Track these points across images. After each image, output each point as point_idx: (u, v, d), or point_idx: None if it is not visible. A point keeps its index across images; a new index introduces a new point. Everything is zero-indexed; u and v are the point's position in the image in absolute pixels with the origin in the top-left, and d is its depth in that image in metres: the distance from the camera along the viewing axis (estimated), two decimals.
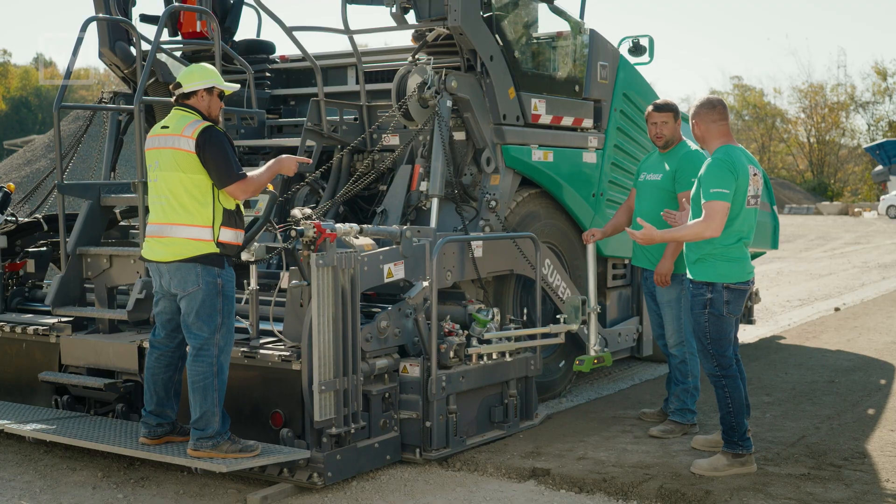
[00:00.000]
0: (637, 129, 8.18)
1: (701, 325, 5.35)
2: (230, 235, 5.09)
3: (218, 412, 5.02)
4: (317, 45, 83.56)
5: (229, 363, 5.13)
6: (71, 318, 6.23)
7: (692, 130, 5.52)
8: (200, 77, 5.17)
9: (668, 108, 6.30)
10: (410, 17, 6.81)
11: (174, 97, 5.22)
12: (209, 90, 5.16)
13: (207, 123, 5.08)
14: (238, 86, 5.61)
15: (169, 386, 5.26)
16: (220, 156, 4.99)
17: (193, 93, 5.15)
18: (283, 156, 5.39)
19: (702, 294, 5.33)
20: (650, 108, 6.39)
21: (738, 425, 5.33)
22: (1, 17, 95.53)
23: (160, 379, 5.24)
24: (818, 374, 8.16)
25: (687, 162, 6.16)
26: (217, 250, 5.02)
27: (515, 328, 6.24)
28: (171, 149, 5.04)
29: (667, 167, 6.29)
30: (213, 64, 6.53)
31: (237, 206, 5.16)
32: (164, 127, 5.15)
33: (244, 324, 5.62)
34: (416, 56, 6.86)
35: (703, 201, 5.23)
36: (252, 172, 5.18)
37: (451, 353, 5.71)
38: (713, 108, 5.40)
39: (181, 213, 5.01)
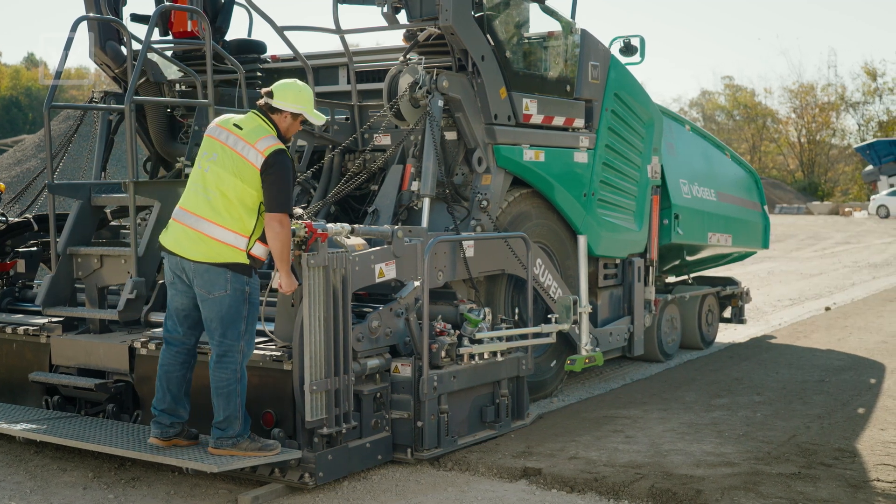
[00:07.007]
0: (628, 129, 8.19)
1: None
2: (261, 251, 5.03)
3: (240, 415, 5.00)
4: (308, 44, 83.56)
5: None
6: (61, 319, 6.21)
7: None
8: (295, 101, 5.06)
9: None
10: (402, 16, 6.81)
11: (262, 99, 5.09)
12: (295, 115, 5.10)
13: (280, 146, 4.97)
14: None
15: (182, 384, 5.17)
16: (281, 183, 4.90)
17: (280, 109, 5.07)
18: (292, 282, 5.09)
19: None
20: None
21: None
22: None
23: (175, 376, 5.14)
24: (809, 373, 8.18)
25: None
26: (247, 261, 4.97)
27: (507, 328, 6.23)
28: (237, 153, 4.94)
29: None
30: (204, 64, 6.52)
31: None
32: (236, 125, 5.04)
33: None
34: (408, 56, 6.86)
35: None
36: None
37: (443, 353, 5.71)
38: None
39: (223, 215, 4.93)
